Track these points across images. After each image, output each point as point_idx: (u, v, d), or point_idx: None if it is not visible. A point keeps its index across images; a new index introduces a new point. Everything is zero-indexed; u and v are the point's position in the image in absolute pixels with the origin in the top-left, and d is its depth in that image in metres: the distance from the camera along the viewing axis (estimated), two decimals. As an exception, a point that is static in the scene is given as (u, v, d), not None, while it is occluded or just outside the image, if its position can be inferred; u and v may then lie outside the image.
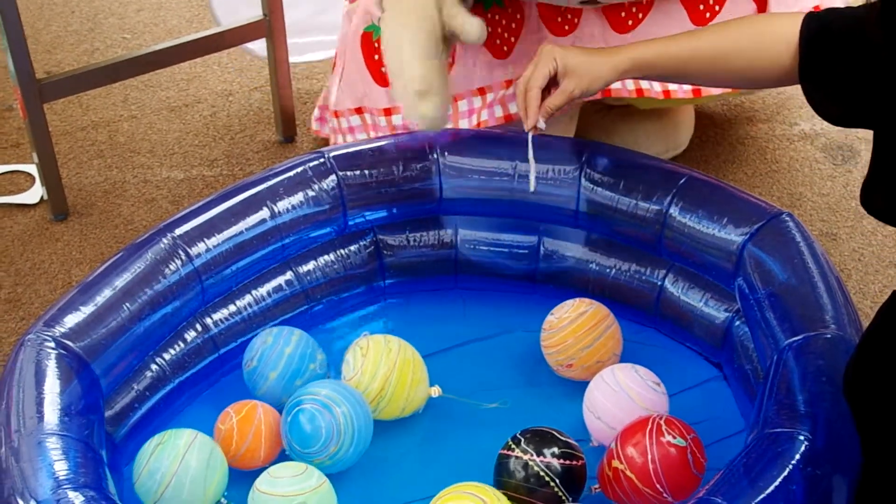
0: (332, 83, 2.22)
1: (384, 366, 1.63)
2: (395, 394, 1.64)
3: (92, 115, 2.57)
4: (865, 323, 1.60)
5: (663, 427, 1.47)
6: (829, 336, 1.45)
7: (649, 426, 1.48)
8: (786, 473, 1.26)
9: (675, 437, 1.46)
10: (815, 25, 1.41)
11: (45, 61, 2.75)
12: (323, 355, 1.72)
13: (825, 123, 1.43)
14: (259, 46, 2.47)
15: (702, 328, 1.76)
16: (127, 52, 2.65)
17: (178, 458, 1.52)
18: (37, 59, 2.53)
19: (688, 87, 1.99)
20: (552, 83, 1.63)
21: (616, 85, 1.93)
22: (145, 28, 2.88)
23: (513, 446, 1.50)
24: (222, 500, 1.57)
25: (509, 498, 1.48)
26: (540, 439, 1.50)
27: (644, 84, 1.99)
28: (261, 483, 1.50)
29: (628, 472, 1.47)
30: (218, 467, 1.56)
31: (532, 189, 1.74)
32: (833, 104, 1.40)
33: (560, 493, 1.48)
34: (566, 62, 1.58)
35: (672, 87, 1.99)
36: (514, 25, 1.97)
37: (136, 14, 2.94)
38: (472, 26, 1.75)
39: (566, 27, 1.97)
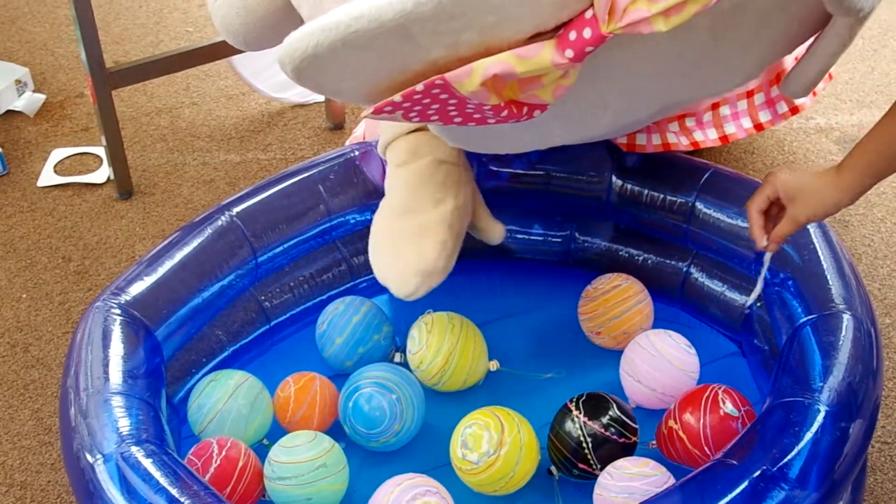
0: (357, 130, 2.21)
1: (448, 341, 1.62)
2: (458, 367, 1.63)
3: (156, 101, 2.58)
4: (875, 303, 1.58)
5: (720, 396, 1.48)
6: (840, 315, 1.44)
7: (707, 393, 1.49)
8: (797, 440, 1.26)
9: (729, 407, 1.47)
10: None
11: (114, 52, 2.77)
12: (390, 328, 1.71)
13: (839, 118, 1.39)
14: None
15: (723, 310, 1.75)
16: (189, 44, 2.66)
17: (225, 396, 1.53)
18: (106, 49, 2.54)
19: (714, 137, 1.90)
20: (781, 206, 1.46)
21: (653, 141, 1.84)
22: (207, 22, 2.89)
23: (574, 401, 1.50)
24: (264, 441, 1.57)
25: (552, 446, 1.49)
26: (595, 405, 1.49)
27: (672, 139, 1.90)
28: (277, 455, 1.45)
29: (681, 433, 1.48)
30: (262, 410, 1.56)
31: (748, 305, 1.66)
32: None
33: (590, 458, 1.47)
34: (787, 188, 1.42)
35: (699, 137, 1.90)
36: None
37: (198, 9, 2.95)
38: (495, 232, 1.72)
39: None
